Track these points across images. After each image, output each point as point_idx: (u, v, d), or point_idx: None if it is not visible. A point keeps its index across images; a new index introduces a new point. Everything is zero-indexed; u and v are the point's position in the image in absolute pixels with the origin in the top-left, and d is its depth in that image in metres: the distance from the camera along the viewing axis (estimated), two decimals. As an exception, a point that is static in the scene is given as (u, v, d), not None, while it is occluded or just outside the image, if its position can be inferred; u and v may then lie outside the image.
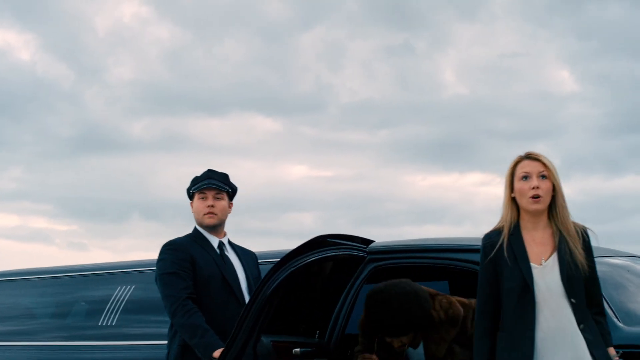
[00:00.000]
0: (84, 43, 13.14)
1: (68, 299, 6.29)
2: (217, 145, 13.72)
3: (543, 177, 3.70)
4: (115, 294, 6.00)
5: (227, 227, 4.69)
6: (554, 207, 3.72)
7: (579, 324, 3.58)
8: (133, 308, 5.88)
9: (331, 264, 4.63)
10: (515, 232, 3.71)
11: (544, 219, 3.73)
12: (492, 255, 3.68)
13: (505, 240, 3.68)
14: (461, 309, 4.30)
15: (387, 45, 12.86)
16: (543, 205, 3.69)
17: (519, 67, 12.90)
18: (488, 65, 13.00)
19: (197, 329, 4.29)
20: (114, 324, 5.86)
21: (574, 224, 3.74)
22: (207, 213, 4.59)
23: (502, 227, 3.74)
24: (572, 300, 3.59)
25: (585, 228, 3.77)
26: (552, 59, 12.94)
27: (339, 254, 4.57)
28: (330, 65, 13.48)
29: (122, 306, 5.91)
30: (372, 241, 4.82)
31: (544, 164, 3.72)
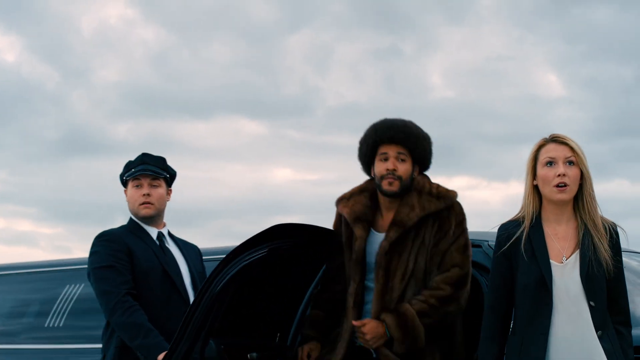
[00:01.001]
0: (70, 44, 13.11)
1: (10, 298, 5.78)
2: (202, 148, 13.59)
3: (570, 163, 3.29)
4: (64, 293, 5.53)
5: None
6: (581, 197, 3.31)
7: (597, 330, 3.15)
8: (82, 308, 5.40)
9: (293, 256, 4.09)
10: (535, 224, 3.29)
11: (568, 210, 3.31)
12: (506, 248, 3.29)
13: (525, 232, 3.26)
14: (456, 194, 3.83)
15: (374, 49, 12.73)
16: (569, 194, 3.28)
17: (507, 70, 12.79)
18: (475, 68, 12.87)
19: (140, 328, 3.82)
20: (61, 325, 5.40)
21: (602, 218, 3.32)
22: (143, 203, 4.12)
23: (521, 217, 3.34)
24: (591, 303, 3.17)
25: (615, 225, 3.33)
26: (539, 63, 12.84)
27: (301, 246, 4.05)
28: (316, 68, 13.34)
29: (70, 306, 5.45)
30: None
31: (572, 148, 3.29)
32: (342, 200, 4.00)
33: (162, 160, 4.22)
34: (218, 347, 3.84)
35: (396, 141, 3.85)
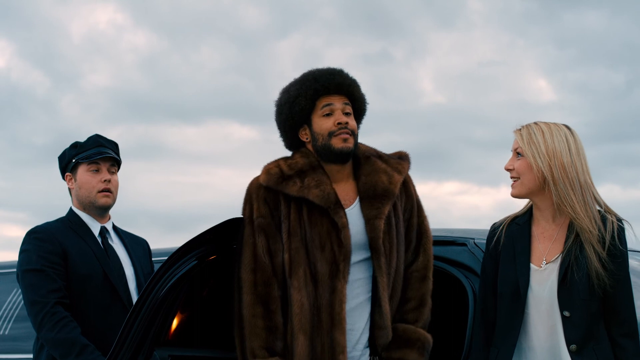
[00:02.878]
0: (59, 50, 13.38)
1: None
2: (192, 153, 13.74)
3: (518, 154, 2.96)
4: (10, 298, 5.09)
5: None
6: (556, 195, 2.90)
7: (569, 344, 2.75)
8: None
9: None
10: (524, 223, 2.91)
11: (549, 207, 2.91)
12: (491, 248, 2.92)
13: (505, 228, 2.91)
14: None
15: (365, 53, 12.82)
16: (516, 189, 2.93)
17: (497, 75, 12.98)
18: (466, 73, 12.94)
19: (73, 345, 3.32)
20: (6, 333, 4.98)
21: (601, 217, 2.89)
22: (103, 190, 3.59)
23: (515, 215, 3.00)
24: (565, 313, 2.76)
25: (620, 222, 2.87)
26: (529, 68, 13.00)
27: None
28: (307, 73, 13.37)
29: (17, 312, 5.01)
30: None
31: (520, 140, 2.95)
32: (288, 180, 3.19)
33: (116, 144, 3.73)
34: (165, 359, 3.34)
35: (343, 90, 3.16)
